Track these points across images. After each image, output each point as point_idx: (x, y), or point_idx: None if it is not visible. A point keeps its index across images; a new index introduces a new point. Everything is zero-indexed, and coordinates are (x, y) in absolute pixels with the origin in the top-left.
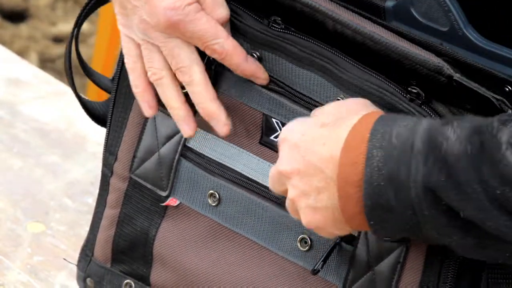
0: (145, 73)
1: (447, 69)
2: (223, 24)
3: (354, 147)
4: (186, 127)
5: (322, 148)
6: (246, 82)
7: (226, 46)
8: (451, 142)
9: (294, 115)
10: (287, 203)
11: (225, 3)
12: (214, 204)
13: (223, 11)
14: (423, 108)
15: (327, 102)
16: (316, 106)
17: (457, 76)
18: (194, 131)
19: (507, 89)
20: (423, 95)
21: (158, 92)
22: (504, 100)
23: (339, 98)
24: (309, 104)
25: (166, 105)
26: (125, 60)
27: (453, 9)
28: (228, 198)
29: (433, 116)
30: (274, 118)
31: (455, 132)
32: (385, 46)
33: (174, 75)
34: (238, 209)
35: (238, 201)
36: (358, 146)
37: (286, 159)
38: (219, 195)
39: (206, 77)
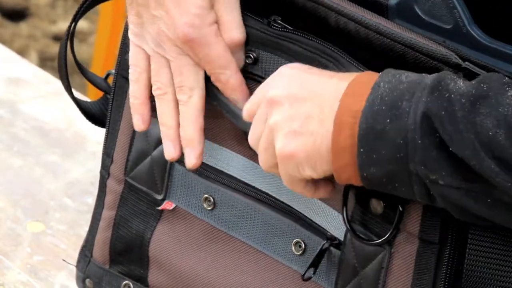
0: (148, 86)
1: (455, 58)
2: (237, 46)
3: (363, 82)
4: (172, 149)
5: (329, 79)
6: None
7: (232, 80)
8: (459, 83)
9: None
10: (263, 139)
11: (242, 26)
12: (209, 208)
13: (239, 34)
14: None
15: None
16: None
17: (465, 63)
18: (178, 155)
19: None
20: None
21: (156, 105)
22: None
23: None
24: None
25: (160, 121)
26: (130, 70)
27: (458, 6)
28: (223, 202)
29: None
30: None
31: (464, 81)
32: (391, 37)
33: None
34: (233, 213)
35: (233, 205)
36: (368, 82)
37: (280, 85)
38: (213, 199)
39: (203, 105)
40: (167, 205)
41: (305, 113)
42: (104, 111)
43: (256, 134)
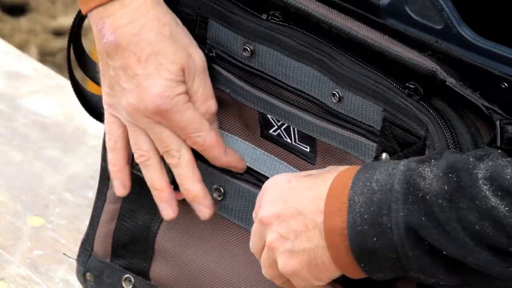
0: (125, 152)
1: (440, 73)
2: (211, 116)
3: (338, 195)
4: (169, 210)
5: (306, 191)
6: (238, 84)
7: (208, 139)
8: (429, 181)
9: (286, 114)
10: (264, 256)
11: (214, 96)
12: (219, 199)
13: (212, 104)
14: (421, 103)
15: (321, 95)
16: (309, 100)
17: (449, 81)
18: (176, 214)
19: (503, 86)
20: (422, 90)
21: (143, 172)
22: (494, 108)
23: (334, 92)
24: (302, 100)
25: (150, 186)
26: (106, 139)
27: (446, 7)
28: (232, 192)
29: (431, 111)
30: (268, 115)
31: (431, 171)
32: (378, 51)
33: (161, 156)
34: (242, 203)
35: (242, 196)
36: (342, 194)
37: (267, 205)
38: (223, 189)
39: (193, 159)
40: (177, 195)
41: (293, 231)
42: None
43: (257, 247)
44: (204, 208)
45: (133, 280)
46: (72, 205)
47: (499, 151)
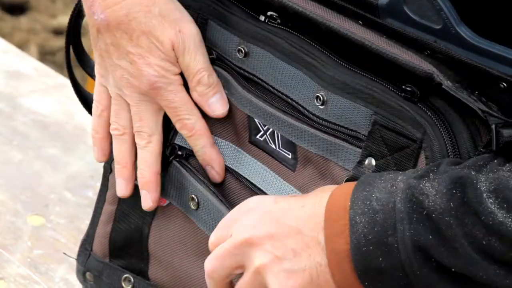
0: (108, 122)
1: (437, 76)
2: (203, 91)
3: (338, 215)
4: (123, 188)
5: (301, 210)
6: (231, 83)
7: (198, 124)
8: (432, 198)
9: (270, 117)
10: (247, 278)
11: (209, 68)
12: (194, 208)
13: (204, 75)
14: (418, 105)
15: (303, 99)
16: (291, 105)
17: (446, 84)
18: (129, 194)
19: (502, 85)
20: (418, 93)
21: (113, 144)
22: (490, 111)
23: (318, 95)
24: (285, 104)
25: (115, 159)
26: (93, 106)
27: (444, 7)
28: (205, 205)
29: (429, 113)
30: (255, 119)
31: (433, 187)
32: (376, 52)
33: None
34: (213, 217)
35: (212, 211)
36: (342, 214)
37: (254, 225)
38: (198, 200)
39: (160, 149)
40: (161, 201)
41: (291, 251)
42: None
43: (225, 270)
44: (148, 198)
45: (132, 279)
46: (72, 204)
47: (497, 159)
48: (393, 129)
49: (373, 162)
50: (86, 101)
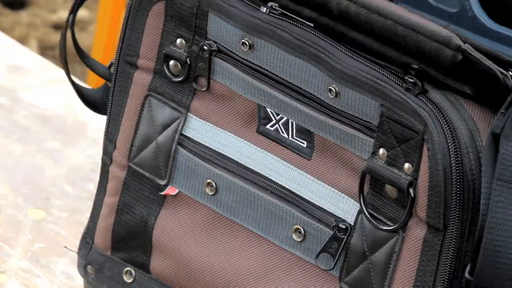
0: None
1: (456, 39)
2: None
3: None
4: None
5: None
6: (239, 75)
7: None
8: None
9: (286, 106)
10: None
11: None
12: (211, 193)
13: None
14: (419, 98)
15: (317, 91)
16: (306, 96)
17: (465, 46)
18: None
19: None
20: (420, 84)
21: None
22: (508, 75)
23: (330, 88)
24: (299, 95)
25: None
26: None
27: None
28: (224, 187)
29: (429, 106)
30: (268, 108)
31: None
32: (392, 18)
33: None
34: (234, 199)
35: (234, 191)
36: None
37: None
38: (215, 184)
39: None
40: (170, 190)
41: None
42: (105, 98)
43: None
44: None
45: (133, 273)
46: (73, 197)
47: None
48: (398, 121)
49: (386, 152)
50: (84, 96)
